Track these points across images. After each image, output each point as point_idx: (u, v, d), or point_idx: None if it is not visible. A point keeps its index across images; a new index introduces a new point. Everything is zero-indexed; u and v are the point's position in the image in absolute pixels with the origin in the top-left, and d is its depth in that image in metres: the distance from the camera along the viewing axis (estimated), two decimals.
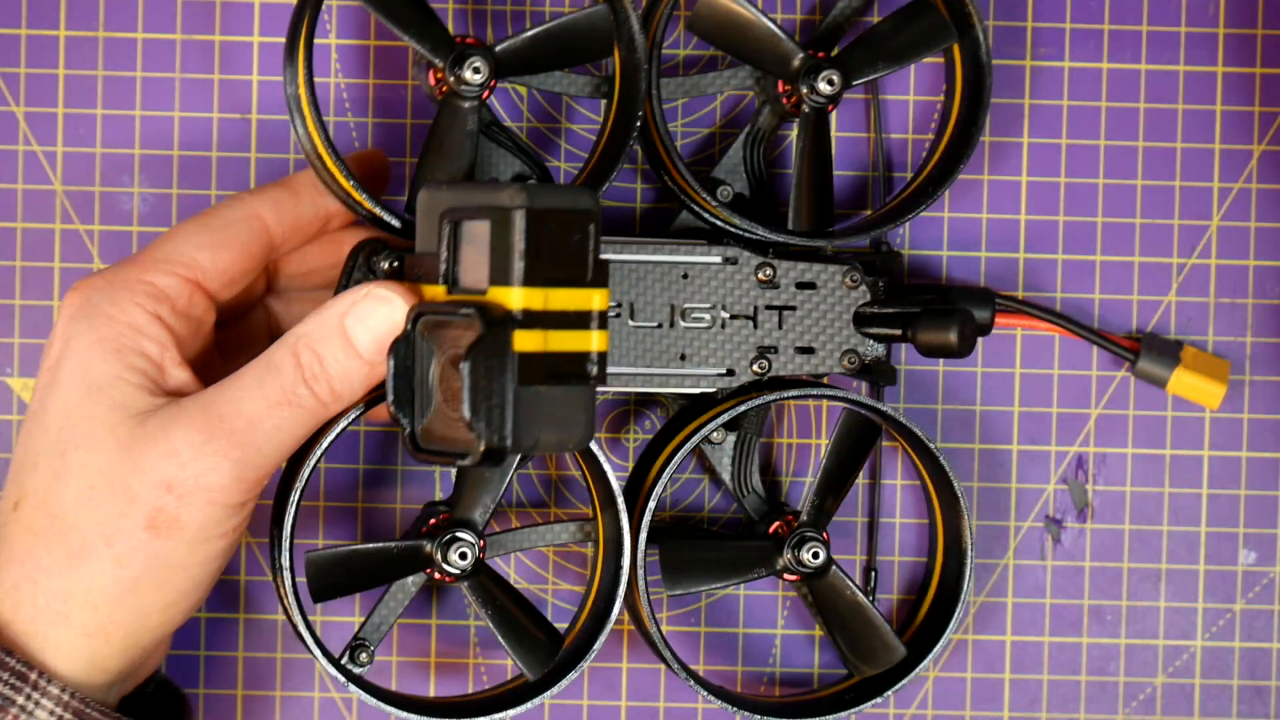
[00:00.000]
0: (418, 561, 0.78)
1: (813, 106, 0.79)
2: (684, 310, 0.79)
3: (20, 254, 0.83)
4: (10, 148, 0.83)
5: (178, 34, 0.83)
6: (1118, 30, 0.84)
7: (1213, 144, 0.84)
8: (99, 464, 0.72)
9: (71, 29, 0.83)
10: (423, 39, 0.76)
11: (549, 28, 0.78)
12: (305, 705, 0.84)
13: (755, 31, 0.79)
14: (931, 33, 0.80)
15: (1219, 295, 0.84)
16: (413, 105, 0.83)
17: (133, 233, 0.83)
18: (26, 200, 0.83)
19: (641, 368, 0.79)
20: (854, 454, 0.81)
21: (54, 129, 0.83)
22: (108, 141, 0.83)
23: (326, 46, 0.83)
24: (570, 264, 0.70)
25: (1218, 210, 0.84)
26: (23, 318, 0.83)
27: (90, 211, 0.83)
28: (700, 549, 0.81)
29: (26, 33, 0.83)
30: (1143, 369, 0.83)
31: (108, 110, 0.83)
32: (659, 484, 0.79)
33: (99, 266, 0.83)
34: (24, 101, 0.83)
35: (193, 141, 0.83)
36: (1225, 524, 0.84)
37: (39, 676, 0.71)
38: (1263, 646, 0.85)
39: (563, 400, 0.70)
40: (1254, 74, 0.84)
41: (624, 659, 0.84)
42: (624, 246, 0.79)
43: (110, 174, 0.83)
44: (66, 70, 0.83)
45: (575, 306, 0.70)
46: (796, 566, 0.80)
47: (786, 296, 0.79)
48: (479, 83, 0.76)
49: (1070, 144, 0.84)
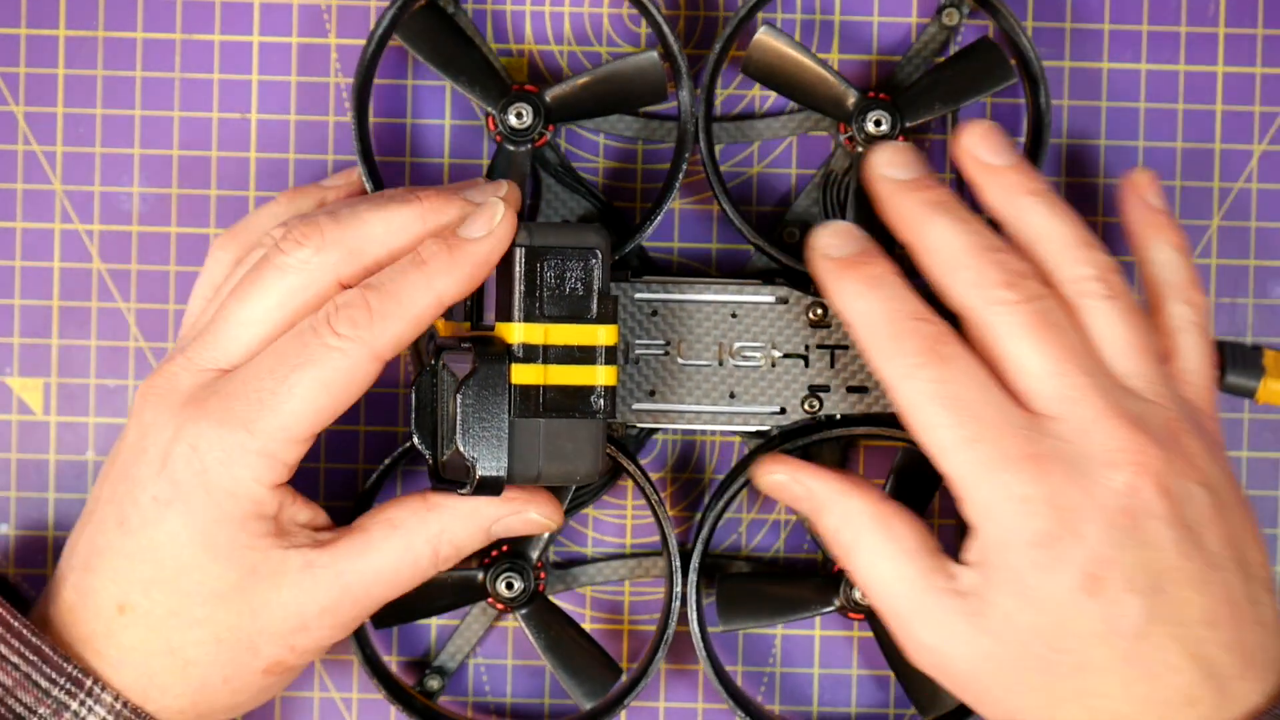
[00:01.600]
0: (473, 591, 0.81)
1: (867, 147, 0.79)
2: (734, 349, 0.79)
3: (20, 254, 0.83)
4: (10, 148, 0.83)
5: (178, 34, 0.83)
6: (1118, 30, 0.84)
7: (1213, 144, 0.84)
8: (227, 622, 0.74)
9: (71, 29, 0.83)
10: (473, 86, 0.79)
11: (597, 74, 0.79)
12: (305, 705, 0.84)
13: (807, 75, 0.80)
14: (989, 73, 0.80)
15: (1219, 295, 0.84)
16: (413, 106, 0.83)
17: (132, 233, 0.83)
18: (26, 200, 0.83)
19: (690, 404, 0.79)
20: (915, 489, 0.81)
21: (54, 129, 0.83)
22: (108, 141, 0.83)
23: (326, 46, 0.83)
24: (574, 300, 0.73)
25: (1218, 210, 0.84)
26: (23, 318, 0.83)
27: (90, 211, 0.83)
28: (757, 584, 0.81)
29: (26, 33, 0.83)
30: (1232, 383, 0.80)
31: (108, 110, 0.83)
32: (707, 523, 0.80)
33: (99, 266, 0.83)
34: (24, 101, 0.83)
35: (193, 141, 0.83)
36: None
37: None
38: None
39: (567, 433, 0.73)
40: (1254, 74, 0.84)
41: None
42: (674, 286, 0.79)
43: (110, 174, 0.83)
44: (66, 70, 0.83)
45: (578, 341, 0.73)
46: (851, 604, 0.80)
47: (839, 336, 0.80)
48: (524, 128, 0.78)
49: (1070, 144, 0.84)
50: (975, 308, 0.73)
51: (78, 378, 0.83)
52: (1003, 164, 0.75)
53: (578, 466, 0.74)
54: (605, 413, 0.74)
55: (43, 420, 0.83)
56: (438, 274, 0.73)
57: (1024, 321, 0.72)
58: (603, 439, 0.74)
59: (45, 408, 0.83)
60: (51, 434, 0.83)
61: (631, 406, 0.79)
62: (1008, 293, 0.73)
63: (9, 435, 0.83)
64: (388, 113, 0.83)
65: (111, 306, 0.83)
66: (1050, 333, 0.72)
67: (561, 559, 0.84)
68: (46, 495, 0.83)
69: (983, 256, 0.73)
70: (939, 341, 0.73)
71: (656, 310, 0.79)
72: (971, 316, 0.73)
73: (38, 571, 0.83)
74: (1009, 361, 0.73)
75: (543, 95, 0.79)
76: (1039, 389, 0.72)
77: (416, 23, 0.80)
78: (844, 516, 0.74)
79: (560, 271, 0.73)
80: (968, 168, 0.76)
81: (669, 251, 0.84)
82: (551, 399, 0.73)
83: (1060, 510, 0.71)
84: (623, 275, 0.79)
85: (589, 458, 0.74)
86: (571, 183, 0.81)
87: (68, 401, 0.83)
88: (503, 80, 0.80)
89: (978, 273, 0.73)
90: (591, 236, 0.73)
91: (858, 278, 0.74)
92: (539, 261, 0.73)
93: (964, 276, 0.73)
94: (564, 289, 0.73)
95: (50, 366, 0.83)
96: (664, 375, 0.79)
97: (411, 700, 0.81)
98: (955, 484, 0.72)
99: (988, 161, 0.75)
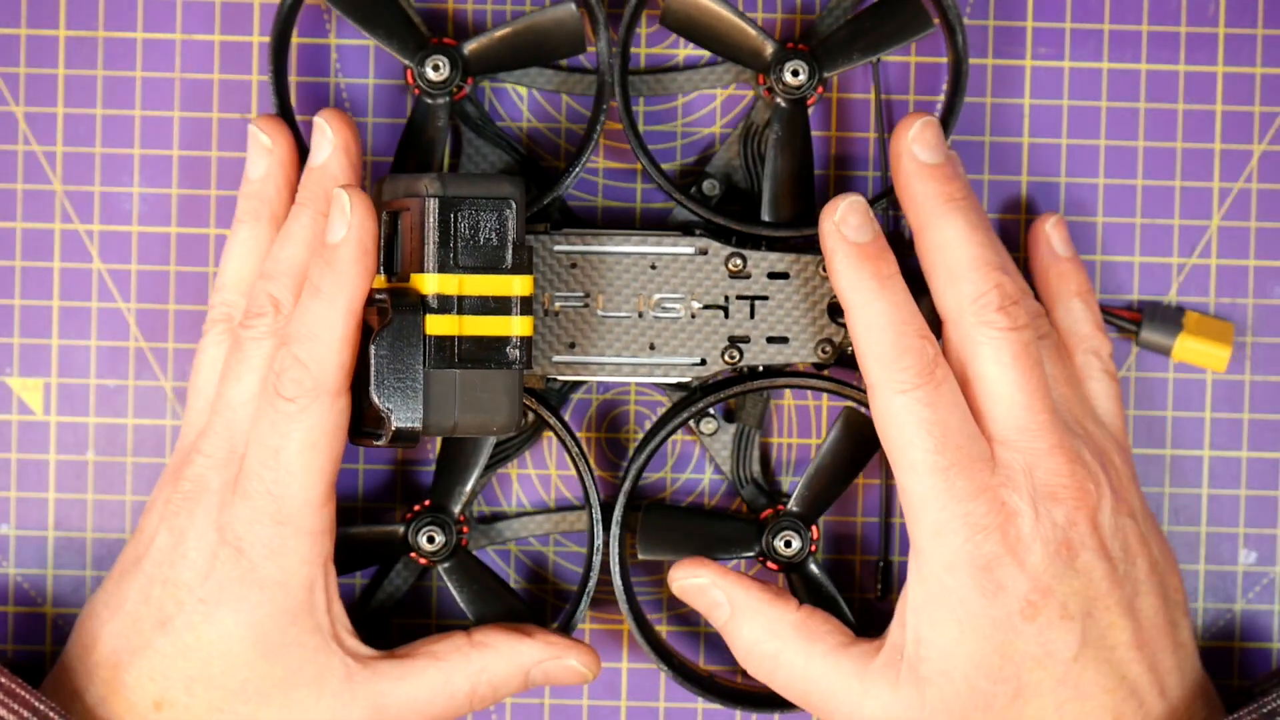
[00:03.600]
0: (395, 546, 0.81)
1: (786, 98, 0.80)
2: (654, 301, 0.79)
3: (20, 254, 0.83)
4: (10, 148, 0.83)
5: (178, 34, 0.83)
6: (1118, 30, 0.84)
7: (1213, 144, 0.84)
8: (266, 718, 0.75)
9: (71, 29, 0.83)
10: (390, 39, 0.79)
11: (515, 26, 0.80)
12: None
13: (724, 25, 0.80)
14: (908, 23, 0.81)
15: (1219, 295, 0.84)
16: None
17: (132, 233, 0.83)
18: (26, 200, 0.83)
19: (611, 357, 0.79)
20: (852, 448, 0.81)
21: (54, 129, 0.83)
22: (108, 141, 0.83)
23: (326, 46, 0.83)
24: (488, 251, 0.73)
25: (1218, 210, 0.84)
26: (23, 318, 0.83)
27: (90, 211, 0.83)
28: (679, 519, 0.81)
29: (26, 33, 0.83)
30: (1146, 339, 0.83)
31: (108, 110, 0.83)
32: (631, 470, 0.80)
33: (99, 266, 0.83)
34: (24, 101, 0.83)
35: (193, 141, 0.83)
36: (1225, 524, 0.84)
37: None
38: (1263, 646, 0.85)
39: (483, 384, 0.73)
40: (1254, 74, 0.84)
41: (624, 659, 0.84)
42: (593, 238, 0.79)
43: (110, 174, 0.83)
44: (66, 70, 0.83)
45: (493, 292, 0.73)
46: (772, 553, 0.80)
47: (758, 287, 0.80)
48: (441, 81, 0.79)
49: (1070, 144, 0.84)
50: (966, 323, 0.75)
51: (78, 378, 0.83)
52: (933, 162, 0.77)
53: (494, 418, 0.73)
54: (521, 363, 0.73)
55: (43, 420, 0.83)
56: (332, 292, 0.73)
57: (1010, 350, 0.75)
58: (519, 390, 0.74)
59: (45, 408, 0.83)
60: (51, 434, 0.83)
61: (552, 359, 0.79)
62: (1000, 317, 0.75)
63: (9, 435, 0.83)
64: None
65: (111, 306, 0.83)
66: (1028, 364, 0.75)
67: (485, 514, 0.84)
68: (46, 495, 0.83)
69: (986, 274, 0.75)
70: (936, 364, 0.75)
71: (576, 262, 0.79)
72: (959, 327, 0.76)
73: (38, 572, 0.83)
74: (984, 383, 0.75)
75: (460, 48, 0.79)
76: (1004, 416, 0.75)
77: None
78: (766, 626, 0.77)
79: (474, 222, 0.73)
80: (898, 160, 0.77)
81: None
82: (467, 350, 0.73)
83: (1007, 539, 0.74)
84: (541, 228, 0.79)
85: (506, 409, 0.73)
86: (492, 136, 0.82)
87: (68, 401, 0.83)
88: (421, 33, 0.80)
89: (976, 289, 0.75)
90: (505, 186, 0.73)
91: (874, 274, 0.75)
92: (453, 212, 0.73)
93: (964, 289, 0.75)
94: (478, 239, 0.73)
95: (50, 366, 0.83)
96: (584, 328, 0.79)
97: None
98: (913, 501, 0.74)
99: (921, 159, 0.77)
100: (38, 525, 0.83)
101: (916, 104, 0.84)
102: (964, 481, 0.74)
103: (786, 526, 0.80)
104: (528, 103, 0.84)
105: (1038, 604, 0.74)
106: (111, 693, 0.76)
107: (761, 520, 0.81)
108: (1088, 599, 0.74)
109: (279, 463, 0.74)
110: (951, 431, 0.74)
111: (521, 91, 0.83)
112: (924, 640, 0.75)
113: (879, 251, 0.75)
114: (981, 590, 0.74)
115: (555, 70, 0.82)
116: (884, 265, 0.75)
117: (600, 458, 0.84)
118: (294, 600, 0.75)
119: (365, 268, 0.74)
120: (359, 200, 0.74)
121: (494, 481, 0.84)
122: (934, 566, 0.74)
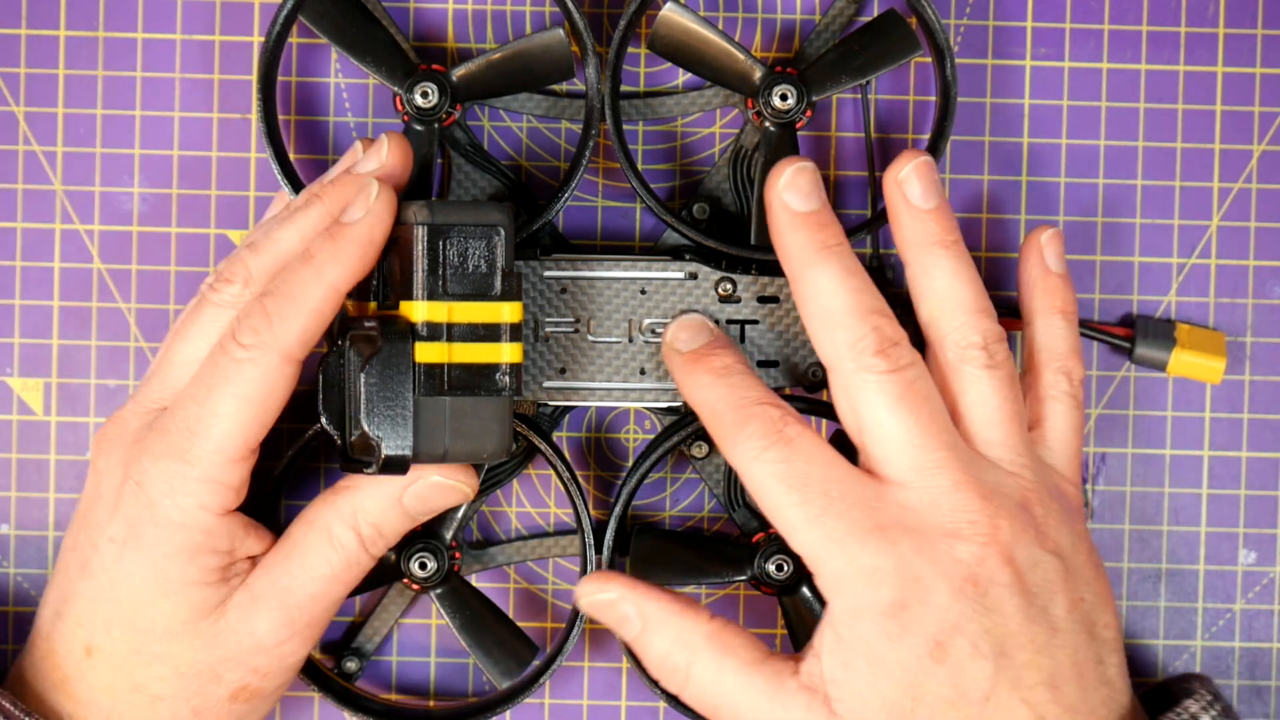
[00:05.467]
0: (387, 573, 0.81)
1: (775, 122, 0.80)
2: (644, 325, 0.79)
3: (20, 254, 0.83)
4: (10, 148, 0.83)
5: (178, 34, 0.83)
6: (1118, 30, 0.84)
7: (1213, 144, 0.84)
8: (185, 656, 0.75)
9: (71, 29, 0.83)
10: (379, 67, 0.80)
11: (504, 52, 0.80)
12: (305, 705, 0.84)
13: (712, 50, 0.80)
14: (896, 46, 0.80)
15: (1219, 295, 0.84)
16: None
17: (132, 233, 0.83)
18: (26, 200, 0.83)
19: (601, 382, 0.79)
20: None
21: (54, 129, 0.83)
22: (108, 141, 0.83)
23: (326, 46, 0.83)
24: (477, 278, 0.73)
25: (1218, 210, 0.84)
26: (23, 318, 0.83)
27: (90, 211, 0.83)
28: (670, 543, 0.81)
29: (26, 33, 0.83)
30: (1141, 355, 0.83)
31: (108, 110, 0.83)
32: (622, 495, 0.80)
33: (99, 266, 0.83)
34: (24, 101, 0.83)
35: (193, 141, 0.83)
36: (1225, 524, 0.84)
37: None
38: (1263, 646, 0.85)
39: (473, 411, 0.73)
40: (1254, 74, 0.84)
41: (624, 659, 0.84)
42: (583, 263, 0.79)
43: (110, 174, 0.83)
44: (66, 70, 0.83)
45: (482, 319, 0.73)
46: (764, 577, 0.80)
47: (748, 311, 0.80)
48: (430, 107, 0.79)
49: (1070, 144, 0.84)
50: (846, 369, 0.74)
51: (78, 378, 0.83)
52: (926, 207, 0.76)
53: (485, 445, 0.73)
54: (511, 390, 0.73)
55: (43, 420, 0.83)
56: (326, 264, 0.73)
57: (892, 391, 0.74)
58: (510, 417, 0.74)
59: (45, 408, 0.83)
60: (51, 434, 0.83)
61: (543, 384, 0.79)
62: (879, 361, 0.74)
63: (9, 435, 0.83)
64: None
65: (111, 306, 0.83)
66: (915, 402, 0.74)
67: (478, 540, 0.84)
68: (46, 495, 0.83)
69: (862, 320, 0.74)
70: (782, 424, 0.74)
71: (566, 288, 0.79)
72: (840, 375, 0.74)
73: (38, 571, 0.83)
74: (871, 429, 0.74)
75: (449, 74, 0.79)
76: (895, 458, 0.74)
77: (321, 4, 0.80)
78: (676, 639, 0.75)
79: (463, 249, 0.73)
80: (892, 197, 0.76)
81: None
82: (456, 377, 0.73)
83: (908, 580, 0.72)
84: (531, 253, 0.79)
85: (496, 436, 0.73)
86: (481, 162, 0.81)
87: (68, 401, 0.83)
88: (409, 60, 0.80)
89: (853, 334, 0.74)
90: (494, 214, 0.73)
91: (705, 369, 0.75)
92: (441, 239, 0.73)
93: (839, 336, 0.74)
94: (467, 266, 0.73)
95: (50, 366, 0.83)
96: (574, 353, 0.79)
97: (329, 681, 0.81)
98: (808, 560, 0.73)
99: (914, 201, 0.76)
100: (38, 525, 0.83)
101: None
102: (841, 524, 0.72)
103: (778, 550, 0.80)
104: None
105: (946, 644, 0.72)
106: (51, 645, 0.76)
107: (753, 544, 0.81)
108: (1000, 637, 0.73)
109: (208, 401, 0.73)
110: (814, 479, 0.73)
111: (520, 120, 0.84)
112: (838, 681, 0.73)
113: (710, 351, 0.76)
114: (887, 635, 0.72)
115: (543, 95, 0.82)
116: (714, 360, 0.76)
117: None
118: (192, 540, 0.74)
119: (365, 255, 0.73)
120: (386, 196, 0.73)
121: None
122: (840, 614, 0.73)
